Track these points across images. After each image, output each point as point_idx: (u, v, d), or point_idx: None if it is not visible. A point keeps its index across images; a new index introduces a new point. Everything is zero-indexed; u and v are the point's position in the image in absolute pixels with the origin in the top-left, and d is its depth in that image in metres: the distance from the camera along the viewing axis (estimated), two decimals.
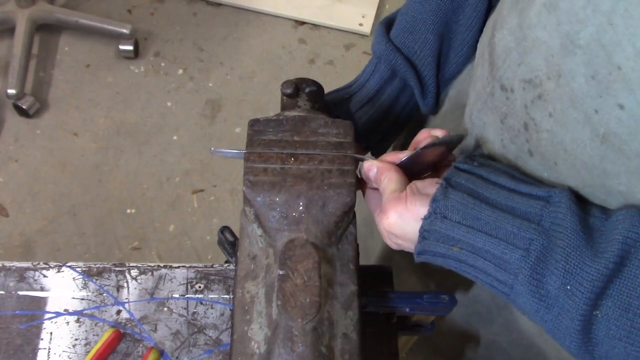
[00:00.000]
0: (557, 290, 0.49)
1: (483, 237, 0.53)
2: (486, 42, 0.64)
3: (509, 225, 0.52)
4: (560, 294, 0.49)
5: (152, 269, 0.80)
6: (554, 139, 0.53)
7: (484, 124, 0.64)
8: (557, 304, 0.49)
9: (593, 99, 0.47)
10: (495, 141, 0.63)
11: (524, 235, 0.51)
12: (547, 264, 0.49)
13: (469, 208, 0.54)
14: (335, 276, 0.60)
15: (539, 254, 0.50)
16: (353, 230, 0.63)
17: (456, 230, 0.54)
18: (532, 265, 0.50)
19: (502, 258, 0.52)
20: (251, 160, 0.62)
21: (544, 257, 0.50)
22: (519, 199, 0.53)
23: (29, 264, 0.79)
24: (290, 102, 0.71)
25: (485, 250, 0.53)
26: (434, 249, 0.56)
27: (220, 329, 0.76)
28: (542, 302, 0.50)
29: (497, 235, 0.52)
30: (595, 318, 0.47)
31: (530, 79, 0.54)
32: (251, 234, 0.64)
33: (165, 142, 2.13)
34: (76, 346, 0.75)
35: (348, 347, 0.58)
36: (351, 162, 0.62)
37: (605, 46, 0.44)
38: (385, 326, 0.76)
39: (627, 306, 0.46)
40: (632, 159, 0.48)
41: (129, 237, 1.96)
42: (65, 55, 2.30)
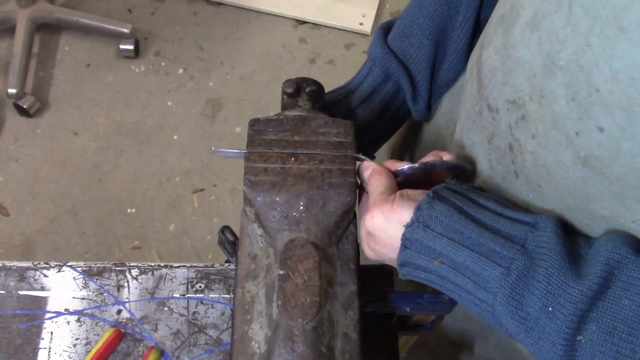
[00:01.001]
0: (537, 312, 0.47)
1: (464, 252, 0.52)
2: (475, 60, 0.64)
3: (491, 242, 0.51)
4: (541, 316, 0.47)
5: (152, 268, 0.80)
6: (537, 161, 0.53)
7: (473, 143, 0.64)
8: (538, 327, 0.47)
9: (574, 121, 0.47)
10: (484, 161, 0.62)
11: (505, 254, 0.50)
12: (528, 284, 0.48)
13: (452, 221, 0.53)
14: (335, 276, 0.60)
15: (519, 273, 0.48)
16: (353, 230, 0.63)
17: (437, 242, 0.53)
18: (512, 284, 0.48)
19: (481, 275, 0.51)
20: (251, 159, 0.62)
21: (525, 276, 0.48)
22: (505, 222, 0.53)
23: (29, 264, 0.79)
24: (291, 101, 0.71)
25: (466, 266, 0.52)
26: (415, 260, 0.56)
27: (220, 328, 0.76)
28: (521, 324, 0.48)
29: (478, 251, 0.51)
30: (579, 344, 0.45)
31: (514, 99, 0.53)
32: (251, 233, 0.64)
33: (165, 141, 2.13)
34: (77, 346, 0.75)
35: (348, 347, 0.58)
36: (351, 161, 0.62)
37: (583, 67, 0.44)
38: (386, 326, 0.76)
39: (611, 330, 0.44)
40: (614, 183, 0.47)
41: (129, 237, 1.96)
42: (66, 54, 2.30)
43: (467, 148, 0.66)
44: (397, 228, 0.56)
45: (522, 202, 0.58)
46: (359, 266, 0.63)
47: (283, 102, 0.72)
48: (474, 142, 0.64)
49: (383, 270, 0.79)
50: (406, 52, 0.76)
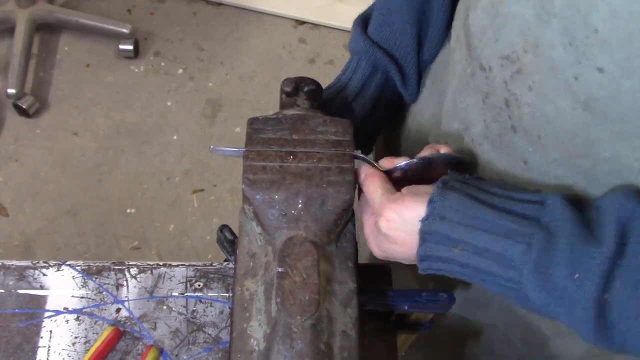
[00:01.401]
0: (564, 281, 0.49)
1: (483, 236, 0.52)
2: (460, 25, 0.65)
3: (508, 222, 0.52)
4: (569, 285, 0.48)
5: (151, 267, 0.80)
6: (536, 112, 0.54)
7: (467, 106, 0.64)
8: (567, 296, 0.49)
9: (572, 66, 0.47)
10: (479, 122, 0.62)
11: (524, 231, 0.51)
12: (551, 256, 0.49)
13: (466, 208, 0.53)
14: (334, 274, 0.61)
15: (541, 246, 0.50)
16: (352, 228, 0.63)
17: (455, 230, 0.54)
18: (536, 258, 0.50)
19: (504, 255, 0.52)
20: (250, 158, 0.62)
21: (546, 249, 0.49)
22: (515, 203, 0.53)
23: (28, 263, 0.80)
24: (289, 100, 0.71)
25: (487, 249, 0.52)
26: (435, 252, 0.56)
27: (219, 326, 0.76)
28: (550, 295, 0.50)
29: (497, 233, 0.52)
30: (607, 303, 0.47)
31: (508, 54, 0.54)
32: (250, 232, 0.64)
33: (165, 142, 2.13)
34: (76, 344, 0.75)
35: (347, 345, 0.58)
36: (350, 160, 0.63)
37: (580, 10, 0.44)
38: (384, 324, 0.76)
39: (635, 283, 0.46)
40: (615, 123, 0.48)
41: (129, 237, 1.96)
42: (65, 55, 2.30)
43: (461, 113, 0.66)
44: (414, 224, 0.56)
45: (522, 157, 0.59)
46: (358, 264, 0.63)
47: (282, 101, 0.72)
48: (468, 104, 0.64)
49: (382, 269, 0.79)
50: (390, 41, 0.76)
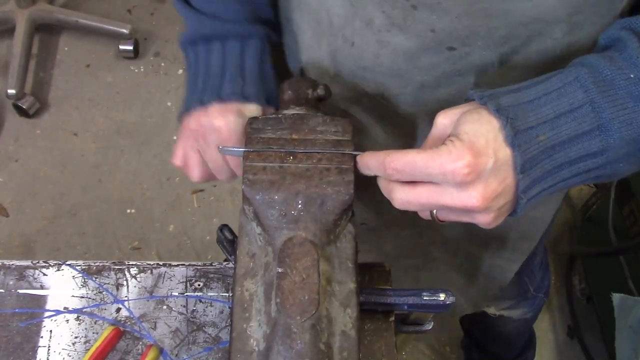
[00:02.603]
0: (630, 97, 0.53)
1: (546, 104, 0.53)
2: None
3: (552, 85, 0.54)
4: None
5: (151, 267, 0.80)
6: None
7: (364, 4, 0.65)
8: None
9: None
10: (379, 15, 0.64)
11: (569, 80, 0.54)
12: (605, 80, 0.53)
13: (520, 101, 0.53)
14: (333, 274, 0.61)
15: (592, 81, 0.53)
16: (352, 229, 0.63)
17: (530, 117, 0.52)
18: (596, 90, 0.53)
19: (571, 107, 0.53)
20: (250, 158, 0.62)
21: (596, 78, 0.53)
22: (546, 81, 0.55)
23: (28, 263, 0.80)
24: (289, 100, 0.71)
25: (556, 114, 0.53)
26: (530, 157, 0.52)
27: (219, 326, 0.76)
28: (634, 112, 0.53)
29: (552, 94, 0.53)
30: None
31: None
32: (250, 232, 0.64)
33: (165, 142, 2.13)
34: (76, 344, 0.75)
35: (346, 345, 0.58)
36: (350, 160, 0.63)
37: None
38: (384, 324, 0.76)
39: None
40: None
41: (129, 237, 1.96)
42: (65, 55, 2.30)
43: (359, 11, 0.65)
44: (500, 158, 0.51)
45: (429, 28, 0.62)
46: (357, 264, 0.63)
47: (281, 101, 0.72)
48: (364, 3, 0.64)
49: (381, 269, 0.79)
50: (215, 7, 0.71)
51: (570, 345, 1.83)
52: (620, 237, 1.57)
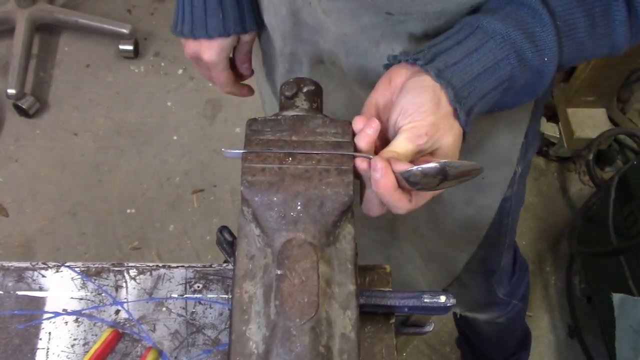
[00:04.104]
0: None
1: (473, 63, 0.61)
2: None
3: (472, 45, 0.62)
4: None
5: (150, 268, 0.80)
6: None
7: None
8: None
9: None
10: None
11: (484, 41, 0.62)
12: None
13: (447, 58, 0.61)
14: (333, 276, 0.60)
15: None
16: (351, 230, 0.63)
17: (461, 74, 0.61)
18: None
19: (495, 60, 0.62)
20: (249, 160, 0.62)
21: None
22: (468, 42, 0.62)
23: (27, 264, 0.79)
24: (289, 101, 0.71)
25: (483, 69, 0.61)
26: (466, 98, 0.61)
27: (219, 328, 0.76)
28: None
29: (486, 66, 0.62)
30: None
31: None
32: (249, 233, 0.64)
33: (165, 142, 2.13)
34: (75, 346, 0.75)
35: (346, 347, 0.58)
36: (349, 161, 0.62)
37: None
38: (384, 326, 0.76)
39: None
40: None
41: (129, 237, 1.96)
42: (65, 55, 2.30)
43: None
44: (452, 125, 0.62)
45: None
46: (357, 266, 0.63)
47: (281, 102, 0.72)
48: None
49: (382, 270, 0.79)
50: None
51: (570, 345, 1.83)
52: (620, 237, 1.57)
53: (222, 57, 0.84)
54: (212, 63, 0.85)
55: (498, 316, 1.34)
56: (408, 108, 0.60)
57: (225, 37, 0.83)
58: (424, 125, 0.59)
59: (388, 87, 0.64)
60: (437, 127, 0.60)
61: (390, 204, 0.61)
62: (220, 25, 0.82)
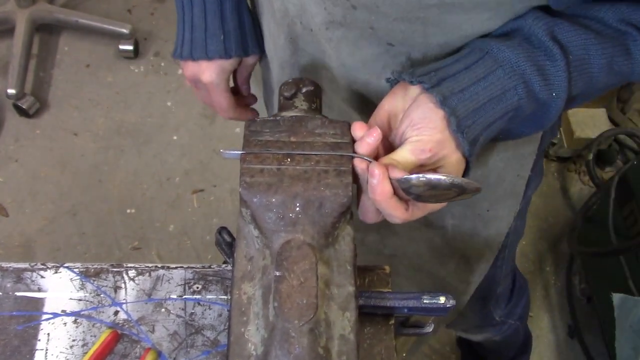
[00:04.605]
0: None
1: (479, 91, 0.60)
2: None
3: (480, 72, 0.61)
4: None
5: (149, 269, 0.80)
6: None
7: (304, 3, 0.69)
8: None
9: None
10: (320, 12, 0.67)
11: (493, 69, 0.60)
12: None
13: (453, 85, 0.60)
14: (332, 277, 0.60)
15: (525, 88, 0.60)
16: (350, 231, 0.63)
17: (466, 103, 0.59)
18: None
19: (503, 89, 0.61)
20: (247, 161, 0.62)
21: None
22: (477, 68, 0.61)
23: (26, 265, 0.79)
24: (288, 102, 0.71)
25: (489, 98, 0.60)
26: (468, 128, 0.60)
27: (218, 329, 0.76)
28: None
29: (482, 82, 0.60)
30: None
31: None
32: (248, 235, 0.64)
33: (165, 142, 2.13)
34: (73, 347, 0.75)
35: (345, 348, 0.58)
36: (348, 162, 0.62)
37: None
38: (384, 327, 0.76)
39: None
40: None
41: (129, 237, 1.95)
42: (65, 55, 2.30)
43: (300, 6, 0.70)
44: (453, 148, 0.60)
45: (368, 25, 0.65)
46: (356, 267, 0.63)
47: (280, 103, 0.72)
48: (304, 2, 0.69)
49: (381, 271, 0.79)
50: None
51: (570, 345, 1.83)
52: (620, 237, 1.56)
53: (221, 78, 0.82)
54: (210, 84, 0.82)
55: (494, 336, 1.34)
56: (418, 122, 0.60)
57: (226, 59, 0.81)
58: (430, 141, 0.59)
59: (403, 95, 0.63)
60: (443, 145, 0.60)
61: (386, 212, 0.60)
62: (221, 47, 0.79)
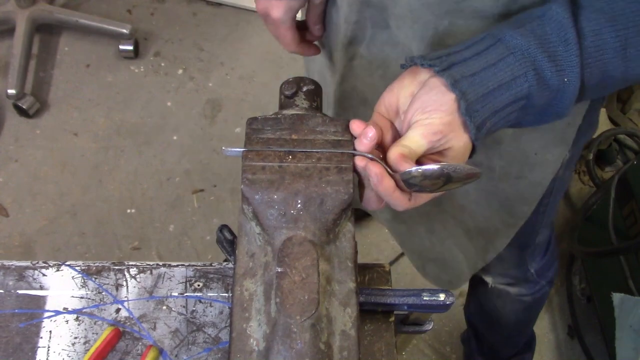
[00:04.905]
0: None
1: (490, 77, 0.61)
2: None
3: (491, 57, 0.61)
4: None
5: (151, 267, 0.80)
6: None
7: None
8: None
9: None
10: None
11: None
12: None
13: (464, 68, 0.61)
14: (333, 273, 0.61)
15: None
16: (351, 228, 0.63)
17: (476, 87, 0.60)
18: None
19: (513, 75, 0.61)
20: (249, 158, 0.62)
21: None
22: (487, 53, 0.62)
23: (28, 263, 0.80)
24: (289, 100, 0.71)
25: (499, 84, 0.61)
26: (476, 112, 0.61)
27: (219, 327, 0.76)
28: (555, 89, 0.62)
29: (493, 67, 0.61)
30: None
31: None
32: (249, 232, 0.64)
33: (165, 142, 2.13)
34: (75, 344, 0.75)
35: (346, 344, 0.58)
36: (349, 159, 0.63)
37: None
38: (384, 324, 0.76)
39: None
40: None
41: (129, 237, 1.96)
42: (65, 55, 2.30)
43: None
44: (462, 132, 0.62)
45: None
46: (357, 264, 0.63)
47: (281, 101, 0.72)
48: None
49: (381, 269, 0.79)
50: None
51: (571, 345, 1.83)
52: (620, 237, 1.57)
53: (288, 16, 0.87)
54: (278, 20, 0.87)
55: (526, 294, 1.35)
56: (429, 104, 0.61)
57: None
58: (440, 123, 0.60)
59: (412, 80, 0.64)
60: (452, 127, 0.61)
61: (390, 203, 0.62)
62: None
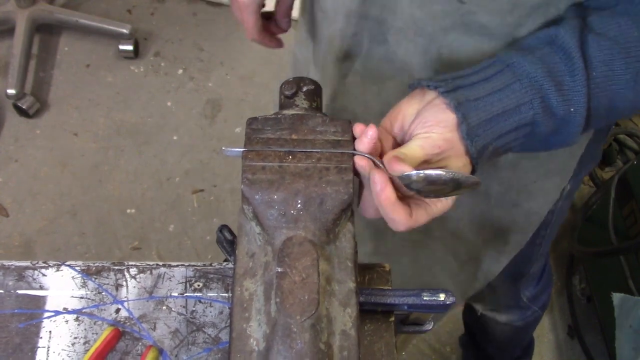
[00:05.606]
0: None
1: (494, 102, 0.61)
2: None
3: (497, 84, 0.62)
4: None
5: (151, 267, 0.80)
6: None
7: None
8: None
9: None
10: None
11: (511, 82, 0.61)
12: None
13: (468, 92, 0.61)
14: (333, 273, 0.61)
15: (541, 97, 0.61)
16: (351, 228, 0.63)
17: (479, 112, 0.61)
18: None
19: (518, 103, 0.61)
20: (249, 158, 0.62)
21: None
22: (495, 80, 0.62)
23: (28, 263, 0.79)
24: (288, 100, 0.71)
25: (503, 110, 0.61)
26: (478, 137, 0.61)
27: (219, 327, 0.76)
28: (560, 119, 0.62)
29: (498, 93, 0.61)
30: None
31: None
32: (249, 232, 0.64)
33: (165, 142, 2.13)
34: (75, 345, 0.75)
35: (346, 344, 0.58)
36: (349, 159, 0.63)
37: None
38: (384, 324, 0.76)
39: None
40: None
41: (129, 237, 1.96)
42: (65, 55, 2.30)
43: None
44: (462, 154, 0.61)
45: None
46: (357, 264, 0.63)
47: (281, 102, 0.72)
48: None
49: (381, 269, 0.79)
50: None
51: (571, 345, 1.83)
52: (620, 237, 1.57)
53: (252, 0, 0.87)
54: (243, 4, 0.88)
55: (517, 319, 1.35)
56: (429, 120, 0.61)
57: None
58: (439, 139, 0.60)
59: (420, 99, 0.64)
60: (452, 144, 0.60)
61: (389, 217, 0.60)
62: None
